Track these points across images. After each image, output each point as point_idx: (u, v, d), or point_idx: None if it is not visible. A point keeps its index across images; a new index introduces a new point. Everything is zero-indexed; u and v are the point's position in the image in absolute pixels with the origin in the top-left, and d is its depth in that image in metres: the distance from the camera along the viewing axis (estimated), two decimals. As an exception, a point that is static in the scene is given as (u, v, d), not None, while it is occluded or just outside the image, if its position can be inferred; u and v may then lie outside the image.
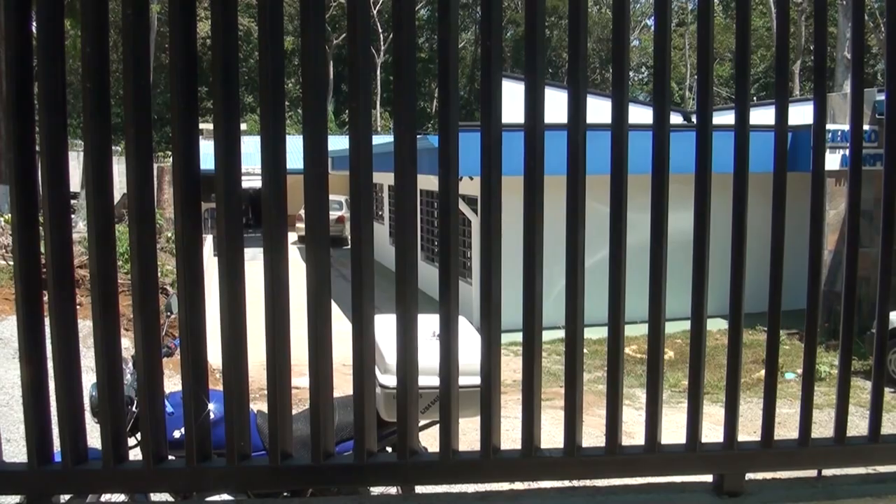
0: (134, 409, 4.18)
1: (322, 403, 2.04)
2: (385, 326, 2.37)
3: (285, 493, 4.29)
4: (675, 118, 19.82)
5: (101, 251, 1.91)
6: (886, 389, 2.26)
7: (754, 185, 2.22)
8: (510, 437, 2.21)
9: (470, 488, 2.35)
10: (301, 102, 2.01)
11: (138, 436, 3.61)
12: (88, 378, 2.04)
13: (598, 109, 3.30)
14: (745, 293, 2.18)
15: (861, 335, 11.00)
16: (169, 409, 4.30)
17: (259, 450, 2.94)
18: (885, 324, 2.29)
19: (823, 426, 2.29)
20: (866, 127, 13.16)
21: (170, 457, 2.08)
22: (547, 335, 2.20)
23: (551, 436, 2.18)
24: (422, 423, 4.31)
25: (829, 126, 13.26)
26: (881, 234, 2.25)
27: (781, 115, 2.15)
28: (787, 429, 2.26)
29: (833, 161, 13.04)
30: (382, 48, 47.37)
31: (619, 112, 2.05)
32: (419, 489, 2.35)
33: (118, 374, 1.99)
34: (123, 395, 2.05)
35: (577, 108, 2.04)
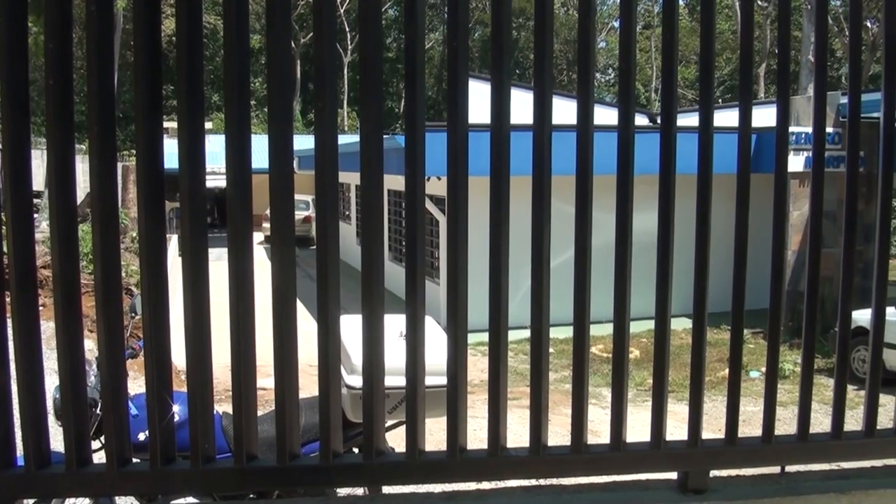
0: (98, 411, 4.14)
1: (288, 404, 2.02)
2: (352, 327, 2.36)
3: (251, 495, 4.27)
4: (641, 119, 19.98)
5: (63, 251, 1.88)
6: (850, 387, 2.30)
7: (720, 186, 2.24)
8: (478, 436, 2.21)
9: (437, 488, 2.36)
10: (267, 101, 1.99)
11: (103, 438, 3.58)
12: (52, 380, 2.01)
13: (566, 110, 3.32)
14: (709, 293, 2.20)
15: (825, 334, 11.17)
16: (133, 411, 4.26)
17: (225, 452, 2.92)
18: (847, 323, 2.33)
19: (788, 423, 2.33)
20: (830, 129, 13.37)
21: (135, 459, 2.06)
22: (514, 335, 2.20)
23: (518, 435, 2.18)
24: (389, 423, 4.31)
25: (792, 128, 13.41)
26: (843, 235, 2.28)
27: (745, 117, 2.17)
28: (752, 426, 2.29)
29: (797, 163, 13.22)
30: (350, 47, 47.21)
31: (585, 113, 2.06)
32: (386, 489, 2.34)
33: (81, 376, 1.97)
34: (86, 397, 2.03)
35: (542, 109, 2.04)
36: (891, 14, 2.26)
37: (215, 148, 3.16)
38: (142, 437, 3.86)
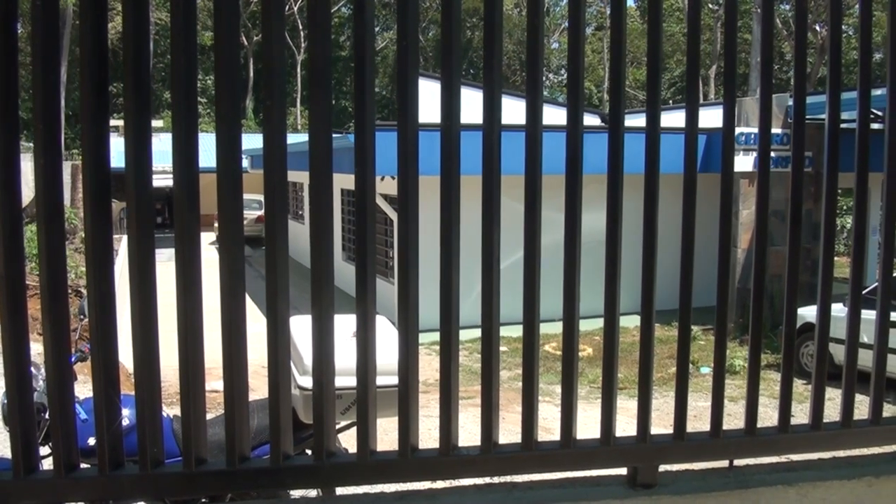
0: (47, 416, 4.06)
1: (237, 406, 2.01)
2: (304, 327, 2.35)
3: (203, 500, 4.23)
4: (594, 120, 20.15)
5: (8, 251, 1.84)
6: (798, 381, 2.35)
7: (671, 185, 2.27)
8: (432, 436, 2.21)
9: (390, 488, 2.35)
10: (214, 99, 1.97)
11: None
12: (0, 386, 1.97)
13: (519, 110, 3.34)
14: (661, 290, 2.23)
15: (775, 330, 11.38)
16: (83, 415, 4.18)
17: (176, 455, 2.88)
18: (792, 319, 2.38)
19: (739, 418, 2.37)
20: (779, 130, 13.62)
21: (85, 465, 2.02)
22: (469, 334, 2.20)
23: (473, 433, 2.19)
24: (343, 423, 4.29)
25: (743, 129, 13.73)
26: (789, 234, 2.33)
27: (692, 118, 2.20)
28: (703, 422, 2.33)
29: (747, 163, 13.46)
30: (303, 45, 46.88)
31: (533, 113, 2.08)
32: (339, 491, 2.34)
33: (27, 380, 1.93)
34: (33, 402, 1.99)
35: (492, 109, 2.05)
36: (835, 19, 2.31)
37: (165, 146, 3.12)
38: (91, 441, 3.80)
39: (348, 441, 3.90)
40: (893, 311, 2.43)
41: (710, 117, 4.57)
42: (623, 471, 2.29)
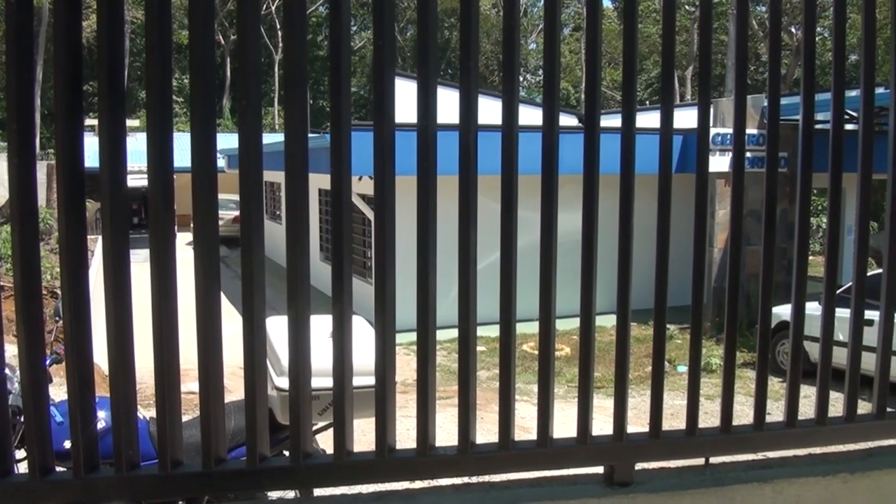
0: (22, 419, 4.01)
1: (212, 407, 2.00)
2: (282, 327, 2.34)
3: (180, 502, 4.20)
4: (571, 120, 20.21)
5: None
6: (775, 379, 2.37)
7: (649, 185, 2.28)
8: (410, 436, 2.21)
9: (367, 488, 2.35)
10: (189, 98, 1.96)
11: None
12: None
13: (497, 110, 3.34)
14: (639, 290, 2.24)
15: (751, 328, 11.47)
16: (59, 418, 4.15)
17: (152, 458, 2.87)
18: (767, 318, 2.40)
19: (716, 416, 2.39)
20: (755, 131, 13.74)
21: (61, 468, 2.00)
22: (447, 334, 2.20)
23: (452, 434, 2.19)
24: (320, 424, 4.27)
25: (719, 129, 13.83)
26: (763, 233, 2.35)
27: (667, 119, 2.22)
28: (679, 420, 2.34)
29: (723, 163, 13.55)
30: (280, 45, 46.71)
31: (510, 113, 2.08)
32: (317, 492, 2.33)
33: (1, 382, 1.91)
34: (8, 405, 1.97)
35: (468, 109, 2.06)
36: (810, 21, 2.34)
37: (141, 146, 3.10)
38: (67, 444, 3.75)
39: (326, 442, 3.89)
40: (867, 310, 2.45)
41: (687, 118, 4.60)
42: (600, 469, 2.30)
